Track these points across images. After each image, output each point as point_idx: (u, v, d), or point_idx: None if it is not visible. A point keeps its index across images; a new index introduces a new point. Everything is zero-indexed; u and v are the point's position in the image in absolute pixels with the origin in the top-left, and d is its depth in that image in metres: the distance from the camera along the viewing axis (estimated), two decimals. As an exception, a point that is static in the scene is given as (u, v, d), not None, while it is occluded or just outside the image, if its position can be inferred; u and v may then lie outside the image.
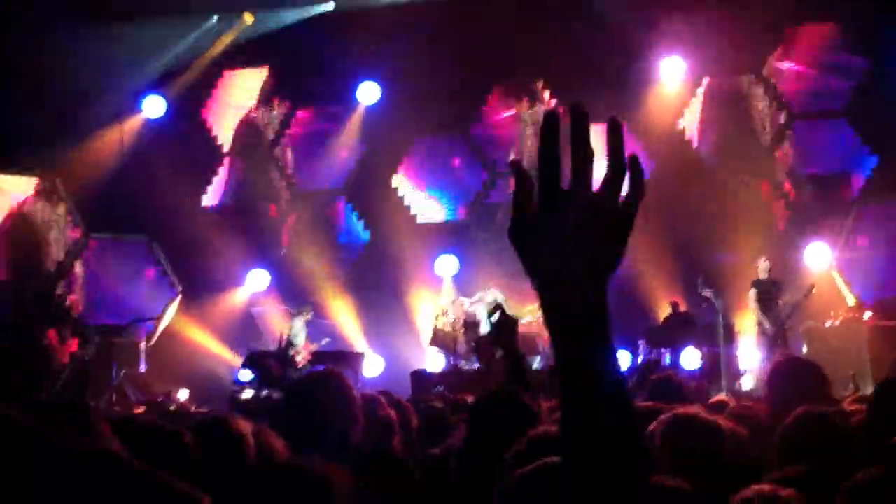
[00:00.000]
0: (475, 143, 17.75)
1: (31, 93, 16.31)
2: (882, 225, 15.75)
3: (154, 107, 18.08)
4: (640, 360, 14.83)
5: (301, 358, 15.04)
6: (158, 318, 16.86)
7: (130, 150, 17.78)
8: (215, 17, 17.93)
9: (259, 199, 18.32)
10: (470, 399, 7.25)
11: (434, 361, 15.69)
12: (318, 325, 16.24)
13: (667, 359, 14.35)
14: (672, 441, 2.95)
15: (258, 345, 15.98)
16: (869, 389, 9.20)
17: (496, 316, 5.39)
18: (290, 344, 15.14)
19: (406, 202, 17.76)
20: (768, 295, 14.02)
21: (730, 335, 14.21)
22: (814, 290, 13.90)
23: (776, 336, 13.88)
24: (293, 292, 16.68)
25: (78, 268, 17.99)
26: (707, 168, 16.66)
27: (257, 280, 17.46)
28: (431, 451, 4.74)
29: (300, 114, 18.41)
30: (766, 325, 13.93)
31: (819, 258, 15.11)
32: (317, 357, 14.81)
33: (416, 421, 5.36)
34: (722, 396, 7.72)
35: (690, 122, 16.90)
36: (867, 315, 13.98)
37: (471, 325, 15.24)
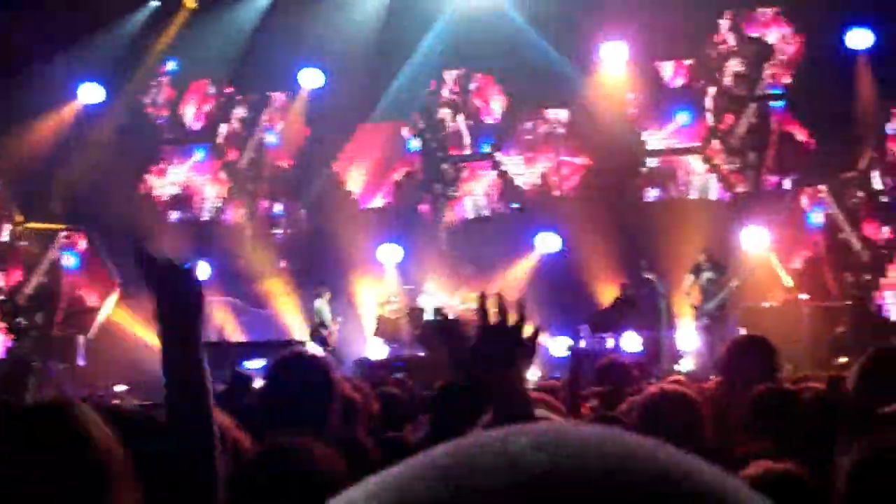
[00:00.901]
0: (419, 129, 17.82)
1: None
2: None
3: (91, 94, 17.71)
4: (580, 345, 14.95)
5: (333, 339, 15.05)
6: (97, 311, 16.60)
7: (67, 137, 17.34)
8: (157, 2, 17.70)
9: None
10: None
11: (376, 350, 15.67)
12: (256, 315, 16.16)
13: (609, 342, 14.51)
14: (654, 418, 2.98)
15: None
16: (806, 370, 9.42)
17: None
18: (321, 325, 15.09)
19: (349, 187, 17.73)
20: (708, 278, 14.23)
21: (670, 318, 14.44)
22: (754, 273, 14.19)
23: (714, 318, 14.09)
24: (233, 283, 16.52)
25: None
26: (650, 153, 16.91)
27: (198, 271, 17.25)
28: (397, 436, 4.73)
29: (240, 98, 18.31)
30: (705, 307, 14.14)
31: (756, 241, 15.36)
32: (253, 347, 14.66)
33: (377, 406, 5.35)
34: (677, 376, 7.83)
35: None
36: (803, 296, 14.30)
37: (415, 313, 15.27)
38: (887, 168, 15.42)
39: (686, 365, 14.44)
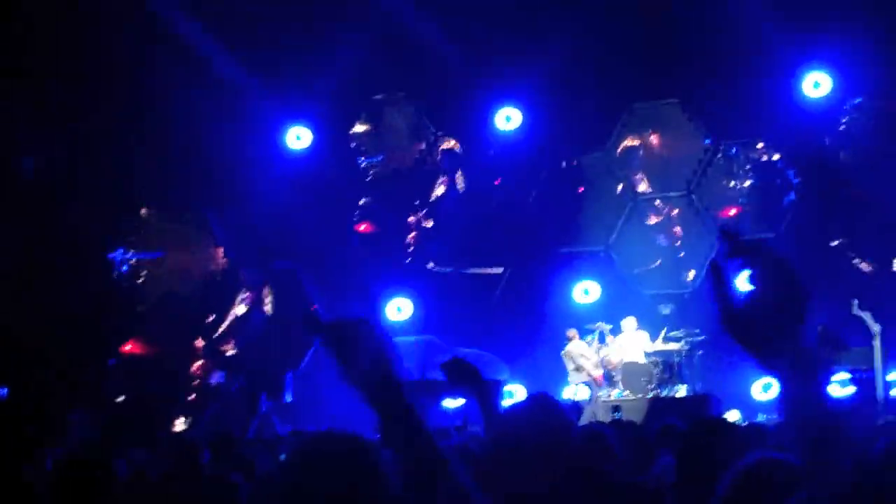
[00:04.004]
0: (614, 166, 17.62)
1: (173, 131, 16.68)
2: None
3: (299, 137, 17.82)
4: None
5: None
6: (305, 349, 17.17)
7: (276, 180, 17.47)
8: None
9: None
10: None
11: (574, 391, 15.54)
12: (461, 355, 16.20)
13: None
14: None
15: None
16: None
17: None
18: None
19: (549, 228, 17.66)
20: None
21: (885, 360, 13.71)
22: None
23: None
24: (436, 320, 16.69)
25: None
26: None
27: (399, 309, 17.64)
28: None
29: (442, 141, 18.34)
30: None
31: None
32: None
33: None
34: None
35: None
36: None
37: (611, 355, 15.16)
38: None
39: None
